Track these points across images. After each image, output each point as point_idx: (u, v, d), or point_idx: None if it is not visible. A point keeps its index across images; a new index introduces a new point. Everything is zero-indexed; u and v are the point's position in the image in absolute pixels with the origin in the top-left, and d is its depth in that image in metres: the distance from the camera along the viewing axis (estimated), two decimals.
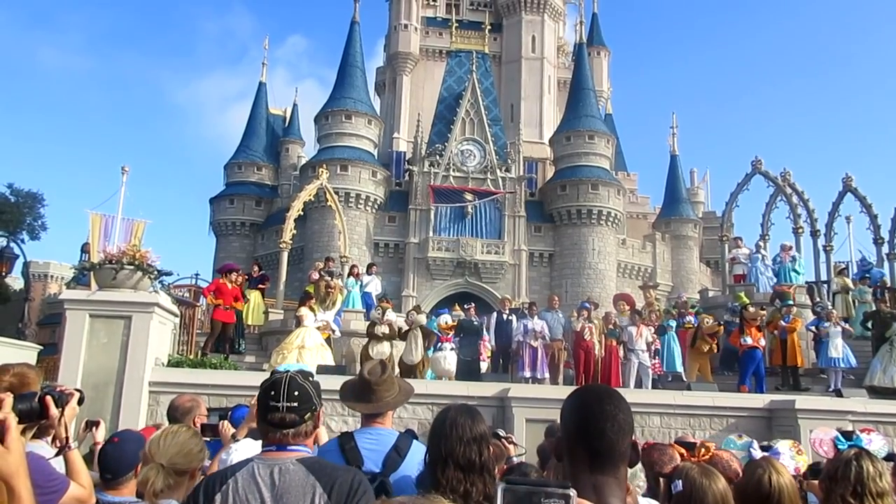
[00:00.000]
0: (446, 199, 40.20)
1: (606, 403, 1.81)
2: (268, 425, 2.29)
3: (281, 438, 2.27)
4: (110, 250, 10.23)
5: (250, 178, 47.05)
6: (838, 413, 10.51)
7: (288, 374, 2.33)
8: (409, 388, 3.41)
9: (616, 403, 1.81)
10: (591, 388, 1.95)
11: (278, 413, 2.26)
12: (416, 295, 38.57)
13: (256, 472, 2.21)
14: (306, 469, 2.19)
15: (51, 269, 66.65)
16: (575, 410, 1.84)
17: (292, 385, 2.28)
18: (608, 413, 1.78)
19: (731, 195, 22.50)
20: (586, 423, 1.80)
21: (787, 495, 2.93)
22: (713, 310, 17.55)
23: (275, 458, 2.24)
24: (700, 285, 39.97)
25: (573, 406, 1.85)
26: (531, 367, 14.58)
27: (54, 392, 2.76)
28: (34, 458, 2.71)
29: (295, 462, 2.21)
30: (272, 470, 2.20)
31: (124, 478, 3.03)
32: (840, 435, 3.39)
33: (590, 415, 1.80)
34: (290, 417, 2.26)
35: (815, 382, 14.77)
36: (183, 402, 4.57)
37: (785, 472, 3.09)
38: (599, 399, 1.83)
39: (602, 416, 1.78)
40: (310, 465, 2.21)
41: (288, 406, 2.25)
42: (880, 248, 22.33)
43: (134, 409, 9.34)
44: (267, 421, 2.29)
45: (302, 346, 12.36)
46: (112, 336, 9.56)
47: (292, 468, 2.19)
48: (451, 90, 45.01)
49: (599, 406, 1.80)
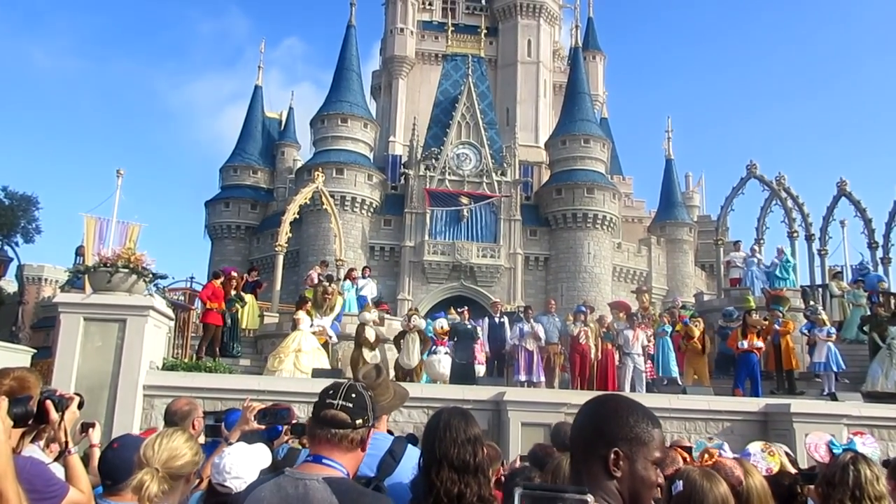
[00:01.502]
0: (442, 202, 40.24)
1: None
2: (317, 423, 2.25)
3: (325, 438, 2.22)
4: (105, 253, 10.20)
5: (246, 181, 47.01)
6: (833, 417, 10.51)
7: (350, 381, 2.37)
8: (404, 391, 3.41)
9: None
10: (611, 396, 1.95)
11: (331, 409, 2.23)
12: (412, 298, 38.58)
13: (281, 485, 2.18)
14: (332, 491, 2.11)
15: (45, 272, 66.39)
16: (592, 415, 1.84)
17: (352, 388, 2.30)
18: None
19: (727, 199, 22.56)
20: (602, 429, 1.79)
21: (757, 495, 2.97)
22: (708, 313, 17.60)
23: (304, 473, 2.18)
24: (695, 289, 40.05)
25: (591, 411, 1.85)
26: (527, 371, 14.62)
27: (54, 396, 2.75)
28: (34, 462, 2.70)
29: (321, 480, 2.13)
30: (297, 485, 2.15)
31: (125, 483, 3.01)
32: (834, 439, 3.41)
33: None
34: (342, 417, 2.22)
35: (811, 386, 14.81)
36: (180, 406, 4.56)
37: (755, 473, 3.13)
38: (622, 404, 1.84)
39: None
40: (336, 487, 2.12)
41: (343, 405, 2.23)
42: (874, 252, 22.42)
43: (128, 413, 9.30)
44: (318, 419, 2.25)
45: (298, 349, 12.37)
46: (106, 339, 9.52)
47: (318, 486, 2.12)
48: (447, 94, 45.07)
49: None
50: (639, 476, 1.73)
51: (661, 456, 1.79)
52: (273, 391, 9.83)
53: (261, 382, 10.75)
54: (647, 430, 1.77)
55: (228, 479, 2.83)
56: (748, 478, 2.97)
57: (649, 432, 1.77)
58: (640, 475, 1.73)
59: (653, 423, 1.80)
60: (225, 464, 2.86)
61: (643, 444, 1.75)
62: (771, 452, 3.74)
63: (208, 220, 46.56)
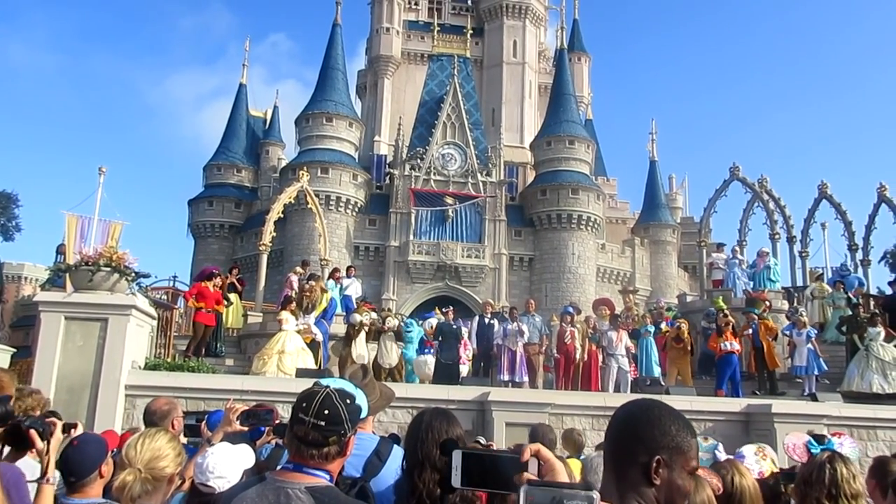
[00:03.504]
0: (427, 202, 40.22)
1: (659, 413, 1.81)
2: (292, 437, 2.17)
3: (302, 456, 2.14)
4: (87, 252, 10.10)
5: (230, 179, 46.71)
6: (813, 417, 10.65)
7: (326, 389, 2.17)
8: (390, 392, 3.41)
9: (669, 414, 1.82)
10: (654, 402, 1.92)
11: (303, 427, 2.11)
12: (396, 298, 38.54)
13: (263, 493, 2.11)
14: (315, 500, 2.06)
15: (25, 270, 65.58)
16: (624, 420, 1.83)
17: (325, 403, 2.12)
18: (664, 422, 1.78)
19: (710, 201, 22.77)
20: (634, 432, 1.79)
21: (749, 496, 3.00)
22: (691, 314, 17.73)
23: (285, 481, 2.11)
24: (678, 290, 40.35)
25: (633, 416, 1.83)
26: (510, 371, 14.65)
27: (37, 424, 2.73)
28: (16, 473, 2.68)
29: (304, 490, 2.08)
30: (279, 494, 2.08)
31: (88, 479, 3.00)
32: (812, 439, 3.45)
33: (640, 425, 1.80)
34: (314, 436, 2.10)
35: (791, 387, 14.96)
36: (160, 406, 4.52)
37: (748, 475, 3.16)
38: (648, 410, 1.83)
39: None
40: (319, 496, 2.07)
41: (314, 423, 2.10)
42: (854, 254, 22.69)
43: (110, 413, 9.22)
44: (292, 432, 2.16)
45: (282, 350, 12.32)
46: (88, 338, 9.44)
47: (301, 496, 2.06)
48: (433, 94, 45.06)
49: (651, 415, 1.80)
50: (676, 485, 1.74)
51: (697, 465, 1.82)
52: (257, 391, 9.79)
53: (244, 382, 10.69)
54: (686, 439, 1.78)
55: (212, 479, 2.82)
56: (742, 479, 3.00)
57: (688, 442, 1.78)
58: (677, 484, 1.74)
59: (691, 432, 1.82)
60: (208, 463, 2.85)
61: (682, 454, 1.76)
62: (764, 456, 3.79)
63: (191, 218, 46.21)
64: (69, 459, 3.00)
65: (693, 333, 15.79)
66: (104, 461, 3.09)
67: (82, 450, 3.04)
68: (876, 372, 13.84)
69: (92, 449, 3.08)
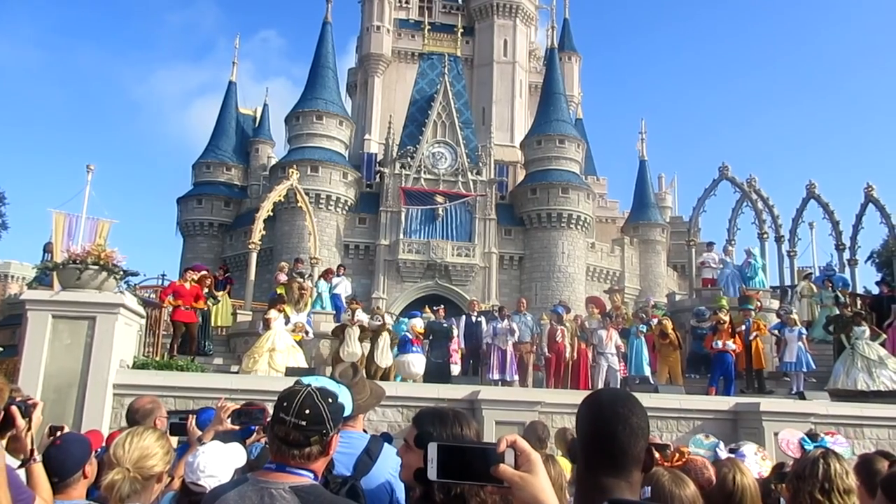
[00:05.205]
0: (417, 201, 40.18)
1: (619, 406, 1.80)
2: (273, 437, 2.14)
3: (283, 456, 2.11)
4: (74, 250, 10.01)
5: (219, 178, 46.49)
6: (801, 415, 10.70)
7: (307, 388, 2.14)
8: (381, 390, 3.39)
9: (630, 407, 1.81)
10: (605, 392, 1.95)
11: (283, 427, 2.09)
12: (387, 297, 38.49)
13: (245, 494, 2.08)
14: (299, 500, 2.04)
15: (11, 268, 65.16)
16: (588, 413, 1.84)
17: (306, 402, 2.10)
18: (621, 416, 1.78)
19: (699, 200, 22.85)
20: (598, 426, 1.79)
21: (750, 495, 3.00)
22: (680, 313, 17.80)
23: (269, 481, 2.09)
24: (667, 289, 40.48)
25: (586, 408, 1.85)
26: (500, 370, 14.65)
27: (19, 402, 2.69)
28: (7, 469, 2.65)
29: (289, 490, 2.05)
30: (262, 495, 2.06)
31: (72, 479, 2.97)
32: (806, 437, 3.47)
33: (602, 417, 1.80)
34: (294, 436, 2.08)
35: (779, 385, 15.05)
36: (143, 405, 4.48)
37: (749, 474, 3.16)
38: (612, 402, 1.83)
39: (614, 419, 1.78)
40: (304, 496, 2.05)
41: (295, 423, 2.07)
42: (841, 253, 22.86)
43: (98, 412, 9.15)
44: (273, 432, 2.14)
45: (272, 349, 12.27)
46: (75, 337, 9.35)
47: (285, 496, 2.04)
48: (423, 92, 45.00)
49: (612, 409, 1.80)
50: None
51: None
52: (246, 390, 9.74)
53: (234, 381, 10.64)
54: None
55: (202, 478, 2.79)
56: (743, 478, 3.00)
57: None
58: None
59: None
60: (199, 462, 2.82)
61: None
62: (764, 457, 3.80)
63: (180, 216, 45.96)
64: (52, 459, 2.95)
65: (681, 332, 15.85)
66: (88, 461, 3.05)
67: (65, 449, 3.00)
68: (861, 370, 13.98)
69: (75, 449, 3.04)
